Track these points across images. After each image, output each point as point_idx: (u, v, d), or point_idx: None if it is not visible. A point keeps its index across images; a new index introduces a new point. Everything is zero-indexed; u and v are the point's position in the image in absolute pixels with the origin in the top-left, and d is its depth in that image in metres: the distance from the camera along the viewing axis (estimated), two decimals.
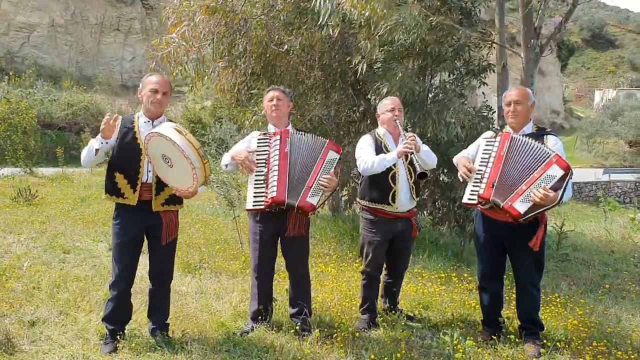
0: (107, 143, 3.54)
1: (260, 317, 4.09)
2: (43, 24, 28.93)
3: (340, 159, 4.06)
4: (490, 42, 6.92)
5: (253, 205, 3.84)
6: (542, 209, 3.58)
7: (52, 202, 10.10)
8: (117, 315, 3.77)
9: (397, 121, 4.13)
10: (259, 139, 3.94)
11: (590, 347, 3.90)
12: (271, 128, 4.06)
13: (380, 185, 4.12)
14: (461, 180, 3.98)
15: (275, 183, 3.77)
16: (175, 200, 3.72)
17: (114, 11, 31.56)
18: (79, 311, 4.47)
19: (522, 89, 3.97)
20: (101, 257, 6.32)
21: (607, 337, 4.18)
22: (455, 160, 4.19)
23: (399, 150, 3.95)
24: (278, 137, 3.90)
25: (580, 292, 5.67)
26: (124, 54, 32.06)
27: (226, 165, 4.00)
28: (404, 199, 4.14)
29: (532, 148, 3.65)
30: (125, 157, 3.58)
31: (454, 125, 6.14)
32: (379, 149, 4.15)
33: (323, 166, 3.91)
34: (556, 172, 3.51)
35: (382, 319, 4.35)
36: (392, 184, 4.11)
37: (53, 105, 22.22)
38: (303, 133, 4.01)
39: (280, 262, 4.29)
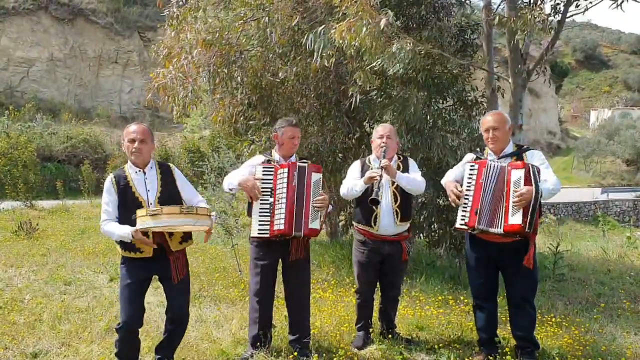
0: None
1: (259, 344, 4.15)
2: (42, 58, 29.28)
3: (322, 176, 4.23)
4: (478, 67, 7.10)
5: (258, 233, 4.00)
6: (533, 209, 3.66)
7: (53, 234, 10.17)
8: (124, 355, 3.82)
9: (384, 148, 4.24)
10: (264, 168, 4.05)
11: None
12: (277, 157, 4.20)
13: (364, 207, 4.27)
14: (453, 205, 4.11)
15: (283, 216, 3.95)
16: (188, 236, 3.83)
17: (112, 44, 31.95)
18: (80, 342, 4.53)
19: (498, 114, 4.14)
20: (102, 288, 6.38)
21: (602, 355, 4.25)
22: (443, 182, 4.33)
23: (365, 178, 4.13)
24: (286, 170, 4.02)
25: (576, 312, 5.73)
26: (122, 86, 32.36)
27: (231, 189, 4.11)
28: (385, 223, 4.27)
29: (498, 170, 3.83)
30: (131, 214, 3.56)
31: (463, 150, 6.31)
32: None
33: (312, 190, 4.06)
34: (517, 174, 3.72)
35: (379, 342, 4.41)
36: (374, 207, 4.22)
37: (52, 138, 22.38)
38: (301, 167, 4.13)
39: (278, 289, 4.38)
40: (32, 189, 14.67)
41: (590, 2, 6.37)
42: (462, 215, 3.99)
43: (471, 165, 4.05)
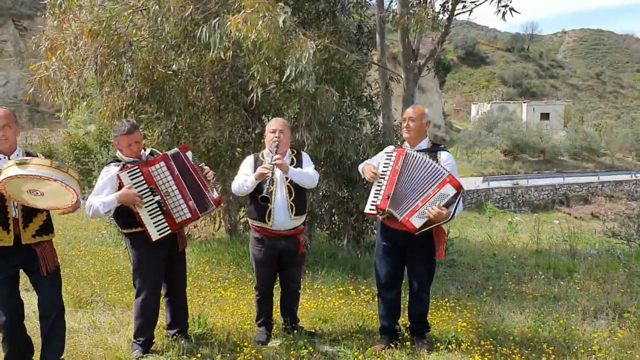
0: None
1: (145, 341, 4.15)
2: None
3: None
4: (373, 63, 7.28)
5: (160, 234, 3.90)
6: (436, 224, 3.90)
7: None
8: (15, 354, 3.60)
9: (276, 143, 4.19)
10: (130, 173, 3.85)
11: (479, 347, 4.19)
12: (128, 159, 4.00)
13: (257, 204, 4.16)
14: (371, 181, 4.20)
15: (184, 206, 3.97)
16: (47, 229, 3.60)
17: None
18: None
19: (418, 108, 4.29)
20: None
21: (493, 335, 4.51)
22: (361, 167, 4.41)
23: (256, 174, 4.11)
24: (162, 164, 3.96)
25: (468, 295, 6.06)
26: None
27: (109, 211, 3.86)
28: (280, 218, 4.23)
29: (426, 164, 3.96)
30: None
31: (364, 145, 6.43)
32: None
33: (196, 167, 4.16)
34: (449, 190, 3.84)
35: (283, 338, 4.40)
36: (268, 204, 4.18)
37: None
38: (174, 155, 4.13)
39: None
40: None
41: (474, 4, 6.78)
42: (373, 200, 4.08)
43: (388, 154, 4.17)
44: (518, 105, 59.69)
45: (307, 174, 4.28)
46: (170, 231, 3.92)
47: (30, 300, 4.70)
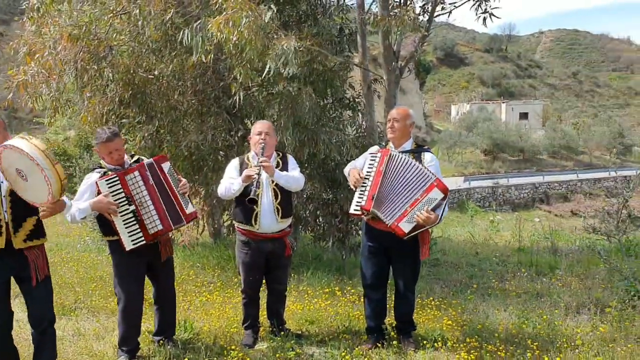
0: None
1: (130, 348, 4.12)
2: None
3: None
4: (355, 65, 7.32)
5: (134, 244, 3.85)
6: (424, 228, 3.95)
7: None
8: None
9: (262, 145, 4.18)
10: (108, 181, 3.82)
11: (464, 344, 4.24)
12: (110, 167, 3.98)
13: (244, 207, 4.19)
14: (353, 188, 4.22)
15: (156, 217, 3.91)
16: (38, 233, 3.54)
17: None
18: None
19: (402, 109, 4.33)
20: None
21: (478, 332, 4.57)
22: (346, 170, 4.42)
23: (243, 176, 4.11)
24: (136, 173, 3.92)
25: (452, 294, 6.12)
26: None
27: (84, 218, 3.84)
28: (266, 221, 4.22)
29: (411, 167, 3.99)
30: None
31: (348, 146, 6.46)
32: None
33: (171, 180, 4.08)
34: (437, 195, 3.89)
35: (270, 340, 4.40)
36: (254, 206, 4.18)
37: None
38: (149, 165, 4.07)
39: None
40: None
41: (454, 6, 6.89)
42: (358, 201, 4.09)
43: (372, 155, 4.20)
44: (497, 105, 60.37)
45: (294, 177, 4.29)
46: (144, 242, 3.87)
47: (13, 308, 4.66)
